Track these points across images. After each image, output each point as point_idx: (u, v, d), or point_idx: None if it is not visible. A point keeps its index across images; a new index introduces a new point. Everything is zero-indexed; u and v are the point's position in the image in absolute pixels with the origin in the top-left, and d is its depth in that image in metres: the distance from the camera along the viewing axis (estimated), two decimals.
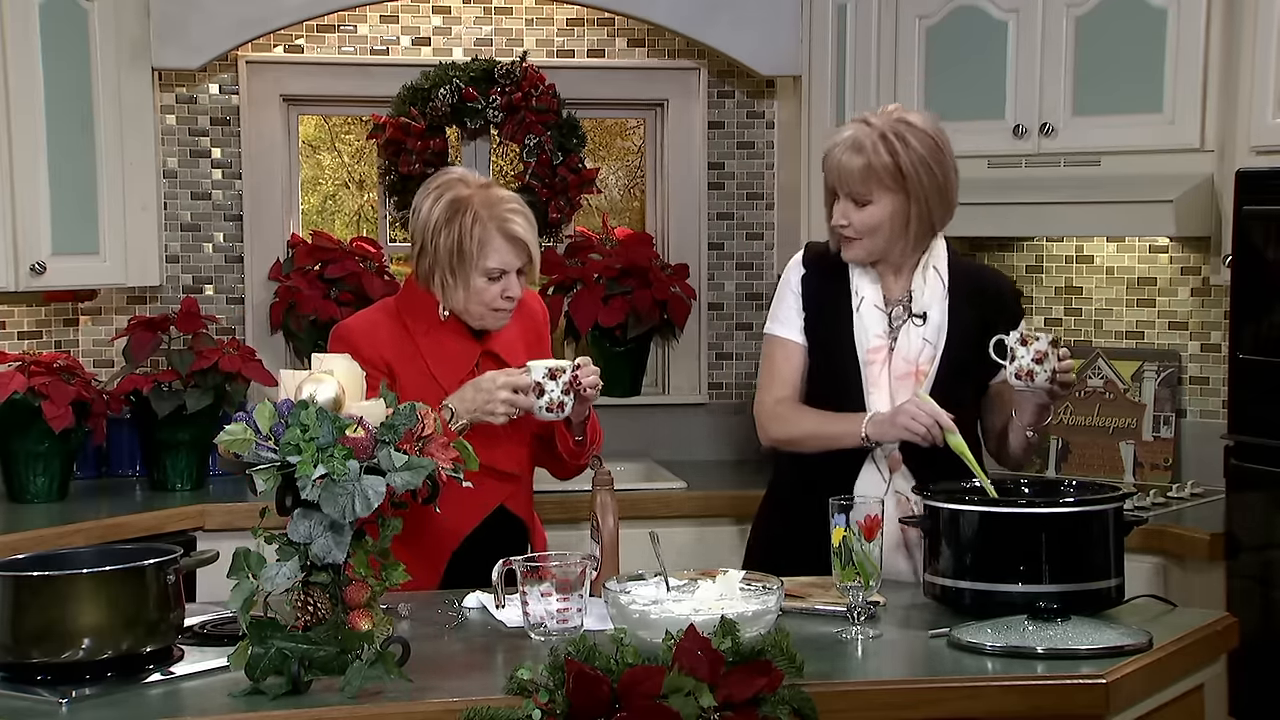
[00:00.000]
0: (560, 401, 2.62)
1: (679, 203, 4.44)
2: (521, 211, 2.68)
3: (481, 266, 2.63)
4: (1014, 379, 2.57)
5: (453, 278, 2.64)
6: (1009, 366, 2.57)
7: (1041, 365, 2.54)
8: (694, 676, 1.93)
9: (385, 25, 4.29)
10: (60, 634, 2.08)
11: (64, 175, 3.71)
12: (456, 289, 2.65)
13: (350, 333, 2.70)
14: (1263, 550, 3.14)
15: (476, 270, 2.63)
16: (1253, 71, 3.36)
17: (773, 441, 2.78)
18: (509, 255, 2.64)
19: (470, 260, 2.62)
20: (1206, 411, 3.82)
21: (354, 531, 2.04)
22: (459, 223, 2.62)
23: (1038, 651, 2.18)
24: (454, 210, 2.64)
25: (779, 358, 2.76)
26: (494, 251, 2.63)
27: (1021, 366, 2.55)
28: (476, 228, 2.62)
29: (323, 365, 2.15)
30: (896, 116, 2.66)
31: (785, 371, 2.74)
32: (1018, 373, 2.56)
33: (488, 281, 2.64)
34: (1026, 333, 2.58)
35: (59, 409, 3.59)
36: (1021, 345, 2.55)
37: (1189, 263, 3.87)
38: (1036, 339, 2.55)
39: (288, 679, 2.01)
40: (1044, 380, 2.55)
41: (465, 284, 2.64)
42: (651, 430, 4.35)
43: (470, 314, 2.69)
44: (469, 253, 2.62)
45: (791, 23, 4.15)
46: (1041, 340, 2.55)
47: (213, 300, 4.22)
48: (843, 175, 2.64)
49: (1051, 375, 2.55)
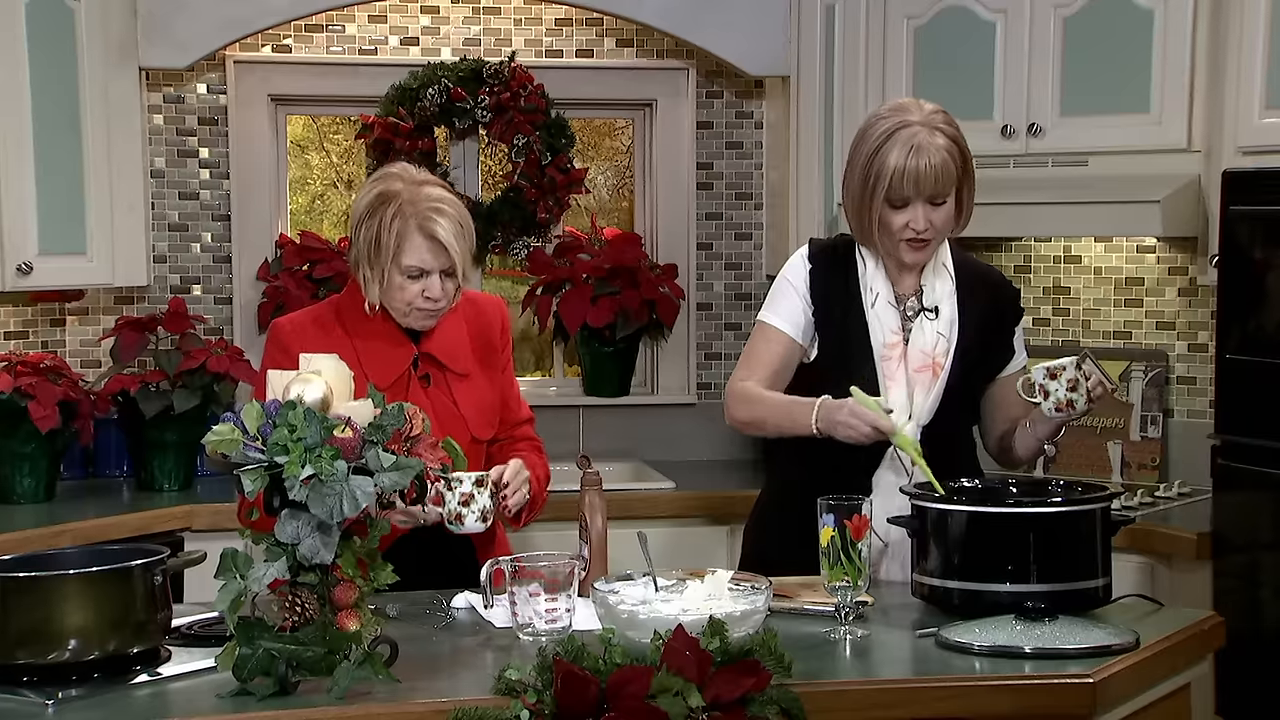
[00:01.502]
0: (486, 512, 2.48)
1: (668, 203, 4.44)
2: (449, 214, 2.57)
3: (399, 263, 2.56)
4: (1054, 413, 2.55)
5: (370, 271, 2.58)
6: (1045, 403, 2.54)
7: (1076, 392, 2.53)
8: (682, 676, 1.93)
9: (373, 25, 4.28)
10: (47, 635, 2.07)
11: (51, 175, 3.70)
12: (374, 283, 2.59)
13: (279, 330, 2.67)
14: (1249, 550, 3.15)
15: (393, 266, 2.56)
16: (1239, 72, 3.37)
17: (736, 422, 2.78)
18: (427, 255, 2.56)
19: (386, 255, 2.55)
20: (1194, 411, 3.83)
21: (342, 532, 2.04)
22: (380, 215, 2.56)
23: (1025, 651, 2.18)
24: (379, 202, 2.58)
25: (761, 343, 2.76)
26: (411, 249, 2.55)
27: (1060, 400, 2.53)
28: (396, 222, 2.54)
29: (310, 365, 2.14)
30: (931, 109, 2.65)
31: (765, 357, 2.74)
32: (1056, 406, 2.54)
33: (406, 279, 2.58)
34: (1053, 365, 2.54)
35: (45, 409, 3.58)
36: (1051, 379, 2.53)
37: (1176, 263, 3.88)
38: (1063, 368, 2.53)
39: (275, 680, 2.01)
40: (1083, 405, 2.54)
41: (381, 279, 2.57)
42: (640, 430, 4.36)
43: (395, 311, 2.62)
44: (386, 247, 2.55)
45: (780, 23, 4.15)
46: (1069, 368, 2.53)
47: (200, 300, 4.22)
48: (919, 179, 2.60)
49: (1088, 396, 2.54)
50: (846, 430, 2.56)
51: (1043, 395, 2.54)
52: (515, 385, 2.84)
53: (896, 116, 2.64)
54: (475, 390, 2.71)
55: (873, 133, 2.65)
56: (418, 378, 2.66)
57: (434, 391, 2.66)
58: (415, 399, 2.58)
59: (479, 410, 2.71)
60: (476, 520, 2.46)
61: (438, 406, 2.64)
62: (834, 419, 2.58)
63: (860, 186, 2.66)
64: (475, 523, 2.46)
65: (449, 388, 2.68)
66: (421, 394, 2.64)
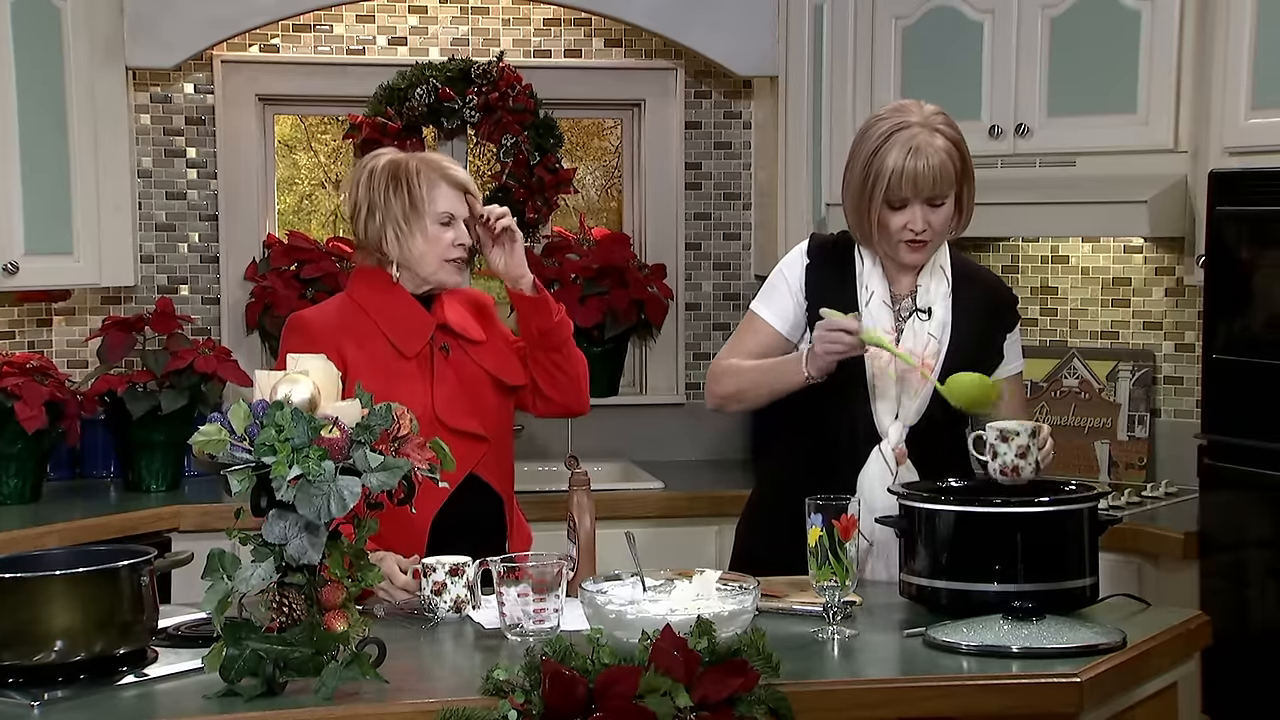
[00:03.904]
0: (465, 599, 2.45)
1: (656, 203, 4.44)
2: (456, 165, 2.84)
3: (433, 212, 2.74)
4: (998, 475, 2.48)
5: (407, 226, 2.74)
6: (991, 463, 2.47)
7: (1024, 460, 2.46)
8: (670, 677, 1.93)
9: (361, 25, 4.28)
10: (32, 636, 2.06)
11: (37, 175, 3.69)
12: (414, 237, 2.74)
13: (305, 322, 2.77)
14: (1236, 549, 3.16)
15: (430, 217, 2.74)
16: (1225, 73, 3.37)
17: (718, 398, 2.79)
18: (455, 201, 2.77)
19: (423, 206, 2.73)
20: (1180, 411, 3.84)
21: (329, 532, 2.04)
22: (405, 177, 2.75)
23: (1013, 650, 2.18)
24: (396, 169, 2.77)
25: (749, 332, 2.78)
26: (443, 197, 2.75)
27: (1006, 464, 2.46)
28: (422, 176, 2.75)
29: (298, 366, 2.14)
30: (931, 110, 2.66)
31: (751, 346, 2.76)
32: (1002, 469, 2.46)
33: (440, 228, 2.74)
34: (1006, 428, 2.46)
35: (32, 410, 3.57)
36: (1002, 442, 2.46)
37: (1163, 263, 3.89)
38: (1016, 434, 2.45)
39: (262, 681, 2.00)
40: (1029, 473, 2.46)
41: (423, 231, 2.74)
42: (629, 430, 4.35)
43: (426, 267, 2.76)
44: (420, 200, 2.74)
45: (768, 23, 4.15)
46: (1022, 434, 2.45)
47: (188, 300, 4.21)
48: (917, 180, 2.61)
49: (1036, 467, 2.47)
50: (823, 346, 2.59)
51: (991, 455, 2.48)
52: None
53: (896, 117, 2.64)
54: (492, 350, 2.83)
55: (872, 133, 2.66)
56: (438, 348, 2.77)
57: (455, 358, 2.78)
58: (439, 367, 2.75)
59: (502, 362, 2.83)
60: (449, 610, 2.43)
61: (462, 372, 2.77)
62: (814, 349, 2.61)
63: (859, 187, 2.66)
64: (448, 613, 2.43)
65: (467, 353, 2.80)
66: (445, 363, 2.76)
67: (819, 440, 2.72)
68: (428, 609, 2.44)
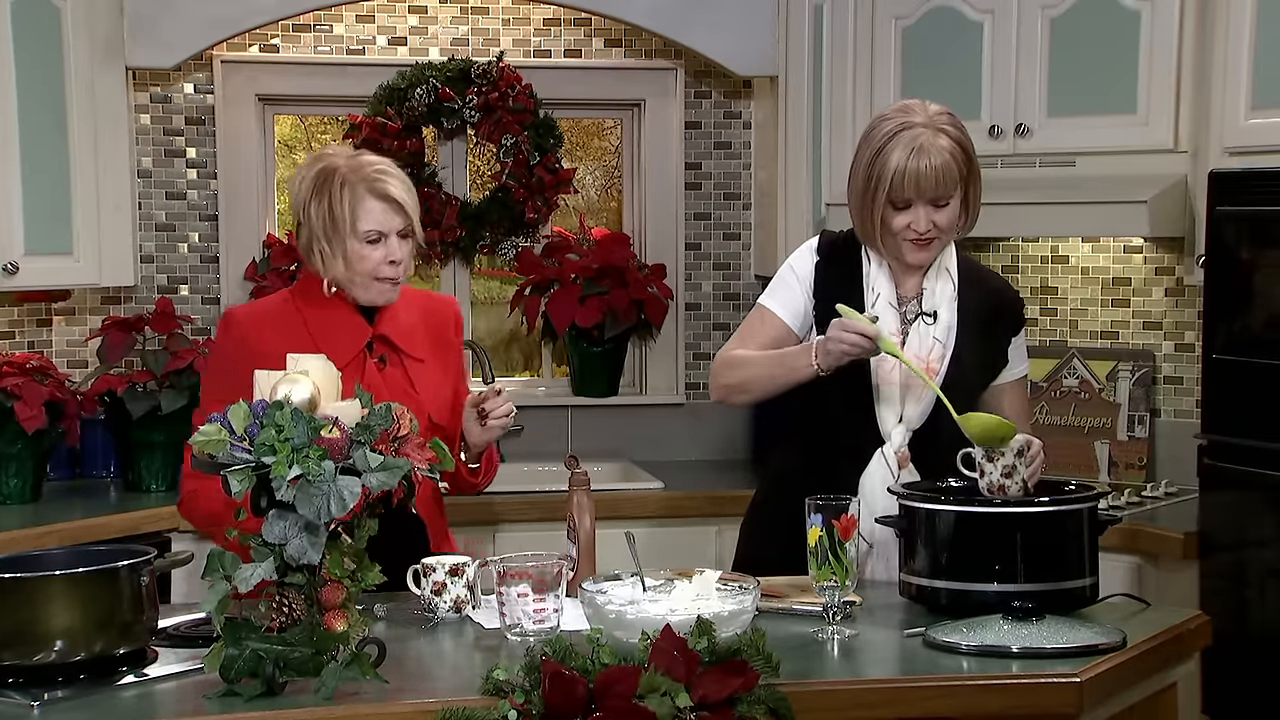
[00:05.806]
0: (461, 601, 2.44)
1: (656, 203, 4.44)
2: (393, 174, 2.63)
3: (357, 231, 2.59)
4: (986, 492, 2.50)
5: (329, 247, 2.60)
6: (980, 481, 2.50)
7: (1010, 479, 2.47)
8: (670, 677, 1.93)
9: (361, 25, 4.28)
10: (32, 636, 2.06)
11: (37, 175, 3.69)
12: (335, 259, 2.60)
13: (234, 320, 2.68)
14: (1236, 549, 3.16)
15: (352, 235, 2.59)
16: (1225, 73, 3.37)
17: (725, 388, 2.75)
18: (382, 216, 2.59)
19: (344, 225, 2.58)
20: (1180, 411, 3.84)
21: (329, 532, 2.04)
22: (329, 190, 2.59)
23: (1013, 650, 2.18)
24: (323, 179, 2.61)
25: (757, 323, 2.76)
26: (366, 214, 2.58)
27: (993, 483, 2.48)
28: (346, 191, 2.58)
29: (298, 366, 2.14)
30: (936, 110, 2.65)
31: (759, 336, 2.73)
32: (989, 488, 2.48)
33: (367, 246, 2.60)
34: (992, 449, 2.49)
35: (32, 410, 3.57)
36: (989, 462, 2.48)
37: (1163, 263, 3.89)
38: (1002, 454, 2.48)
39: (262, 681, 2.00)
40: (1016, 491, 2.48)
41: (343, 252, 2.59)
42: (629, 430, 4.35)
43: (355, 285, 2.63)
44: (341, 218, 2.57)
45: (768, 23, 4.15)
46: (1008, 454, 2.47)
47: (188, 300, 4.21)
48: (920, 181, 2.59)
49: (1023, 485, 2.48)
50: (838, 345, 2.55)
51: (979, 473, 2.50)
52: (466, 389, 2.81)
53: (901, 117, 2.64)
54: (430, 375, 2.71)
55: (876, 133, 2.65)
56: (374, 360, 2.66)
57: (390, 373, 2.67)
58: (370, 380, 2.61)
59: (434, 393, 2.71)
60: (449, 610, 2.42)
61: (393, 387, 2.63)
62: (826, 345, 2.57)
63: (863, 187, 2.66)
64: (448, 613, 2.42)
65: (404, 369, 2.69)
66: (377, 375, 2.65)
67: (822, 442, 2.71)
68: (428, 609, 2.44)
